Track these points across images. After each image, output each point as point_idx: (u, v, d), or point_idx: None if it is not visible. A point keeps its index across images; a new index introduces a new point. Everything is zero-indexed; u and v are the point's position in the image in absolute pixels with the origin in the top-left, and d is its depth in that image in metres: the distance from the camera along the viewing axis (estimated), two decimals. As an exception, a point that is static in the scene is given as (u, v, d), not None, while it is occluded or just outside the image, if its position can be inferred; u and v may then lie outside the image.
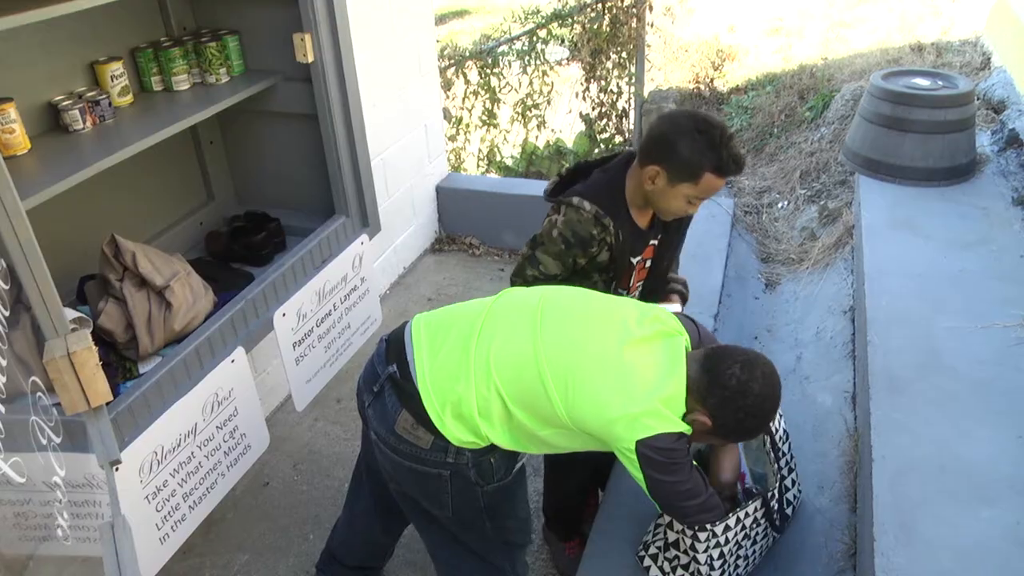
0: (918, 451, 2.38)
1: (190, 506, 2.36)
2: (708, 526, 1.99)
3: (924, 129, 4.01)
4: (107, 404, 1.90)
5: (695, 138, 2.04)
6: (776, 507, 2.25)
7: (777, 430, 2.27)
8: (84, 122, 2.60)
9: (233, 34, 3.01)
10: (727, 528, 2.06)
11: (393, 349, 1.98)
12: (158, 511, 2.23)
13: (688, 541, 2.07)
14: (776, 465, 2.26)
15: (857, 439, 2.68)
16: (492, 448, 1.92)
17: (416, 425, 1.89)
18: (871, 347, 2.83)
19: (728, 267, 3.94)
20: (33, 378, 1.71)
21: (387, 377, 1.95)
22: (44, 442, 1.59)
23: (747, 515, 2.11)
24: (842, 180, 4.73)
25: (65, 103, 2.59)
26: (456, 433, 1.86)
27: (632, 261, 2.30)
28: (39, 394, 1.70)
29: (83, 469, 1.91)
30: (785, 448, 2.31)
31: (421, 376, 1.90)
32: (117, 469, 1.94)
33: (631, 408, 1.76)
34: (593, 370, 1.81)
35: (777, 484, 2.26)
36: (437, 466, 1.92)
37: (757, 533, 2.21)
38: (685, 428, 1.80)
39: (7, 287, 1.73)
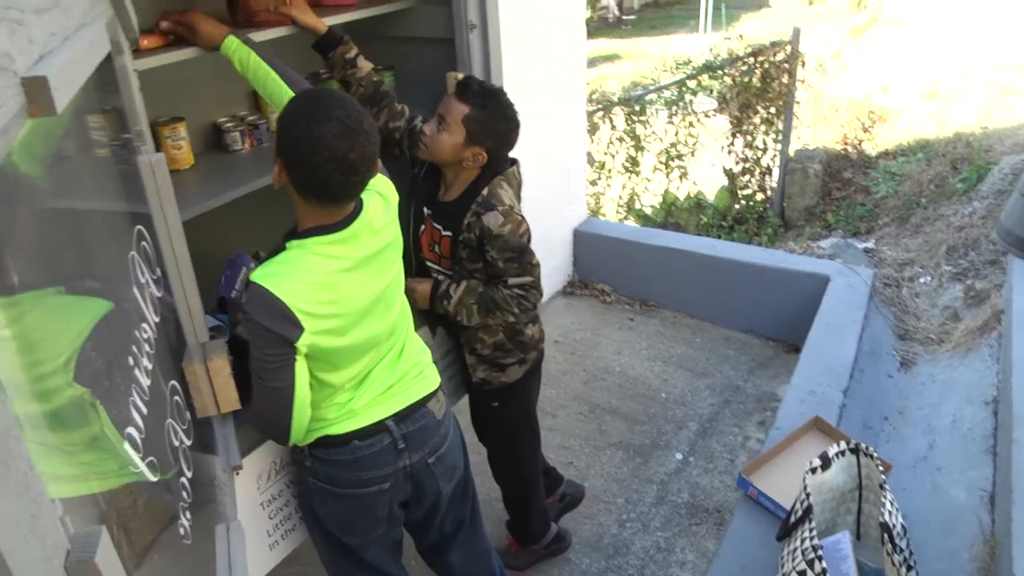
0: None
1: (301, 518, 2.44)
2: None
3: (1089, 214, 3.82)
4: (235, 412, 2.02)
5: None
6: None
7: (894, 525, 2.20)
8: (243, 143, 2.80)
9: (389, 70, 3.15)
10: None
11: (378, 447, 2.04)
12: (271, 519, 2.32)
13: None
14: (892, 558, 2.18)
15: (994, 546, 2.55)
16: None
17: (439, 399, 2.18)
18: (1016, 446, 2.70)
19: (862, 341, 3.84)
20: (172, 382, 1.82)
21: (411, 435, 2.07)
22: (176, 444, 1.68)
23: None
24: (993, 260, 4.54)
25: (228, 125, 2.80)
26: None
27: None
28: (176, 398, 1.79)
29: (207, 470, 2.00)
30: (903, 544, 2.24)
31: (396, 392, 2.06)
32: (237, 474, 2.04)
33: None
34: None
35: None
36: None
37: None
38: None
39: (159, 295, 1.84)
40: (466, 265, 2.45)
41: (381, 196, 1.99)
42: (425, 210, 2.53)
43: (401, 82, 3.19)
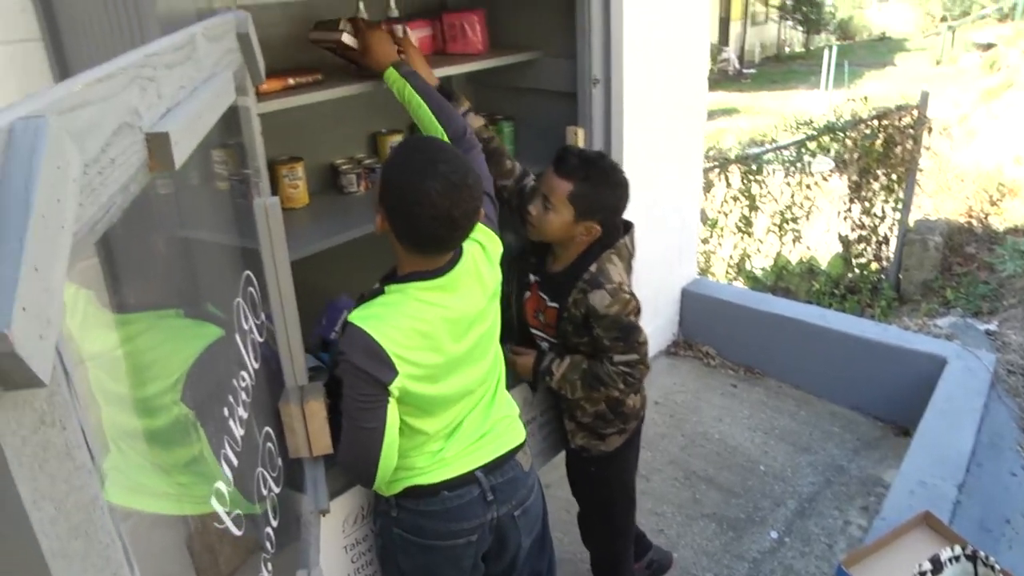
0: None
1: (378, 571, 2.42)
2: None
3: None
4: (327, 455, 2.00)
5: None
6: None
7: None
8: (358, 186, 2.82)
9: (509, 120, 3.14)
10: None
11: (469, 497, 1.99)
12: (353, 562, 2.32)
13: None
14: None
15: None
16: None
17: (525, 452, 2.13)
18: None
19: (982, 432, 3.62)
20: (267, 428, 1.81)
21: (500, 488, 2.03)
22: (265, 492, 1.67)
23: None
24: None
25: (344, 167, 2.82)
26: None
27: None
28: (269, 444, 1.79)
29: (294, 508, 1.99)
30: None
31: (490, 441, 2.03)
32: (324, 516, 2.02)
33: None
34: None
35: None
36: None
37: None
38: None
39: (261, 340, 1.84)
40: (571, 338, 2.41)
41: (480, 245, 1.98)
42: (532, 277, 2.50)
43: (520, 133, 3.18)
